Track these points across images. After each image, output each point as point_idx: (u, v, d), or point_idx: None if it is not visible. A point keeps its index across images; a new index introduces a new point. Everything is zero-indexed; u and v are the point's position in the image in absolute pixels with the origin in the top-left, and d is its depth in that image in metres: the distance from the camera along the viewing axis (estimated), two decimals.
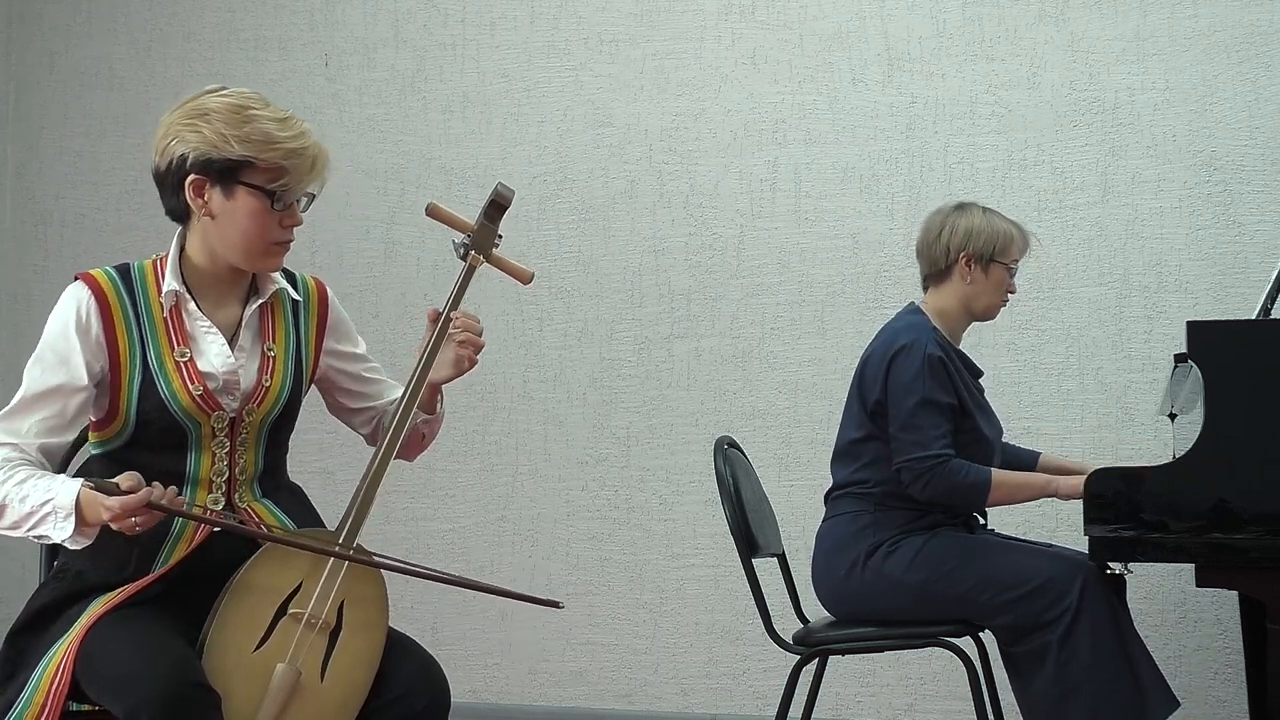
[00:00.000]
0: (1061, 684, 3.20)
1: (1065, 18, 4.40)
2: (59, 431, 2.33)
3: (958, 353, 3.52)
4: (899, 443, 3.36)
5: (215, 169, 2.33)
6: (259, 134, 2.32)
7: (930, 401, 3.35)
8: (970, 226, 3.51)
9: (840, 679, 4.34)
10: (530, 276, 2.56)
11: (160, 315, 2.38)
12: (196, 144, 2.33)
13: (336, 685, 2.27)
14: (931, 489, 3.33)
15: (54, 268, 5.23)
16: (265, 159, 2.32)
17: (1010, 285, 3.55)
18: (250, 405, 2.40)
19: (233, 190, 2.34)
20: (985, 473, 3.35)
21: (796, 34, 4.62)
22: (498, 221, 2.49)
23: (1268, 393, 3.01)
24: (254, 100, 2.37)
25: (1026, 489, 3.43)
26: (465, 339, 2.43)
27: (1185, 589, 4.12)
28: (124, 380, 2.34)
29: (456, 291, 2.47)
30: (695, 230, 4.68)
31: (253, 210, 2.34)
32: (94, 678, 2.19)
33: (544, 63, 4.85)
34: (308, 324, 2.52)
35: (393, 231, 4.94)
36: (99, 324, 2.34)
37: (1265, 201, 4.22)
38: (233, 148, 2.31)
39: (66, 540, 2.23)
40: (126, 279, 2.40)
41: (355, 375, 2.60)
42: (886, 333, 3.52)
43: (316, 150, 2.38)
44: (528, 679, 4.72)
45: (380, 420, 2.62)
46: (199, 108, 2.36)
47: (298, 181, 2.36)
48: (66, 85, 5.32)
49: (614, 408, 4.72)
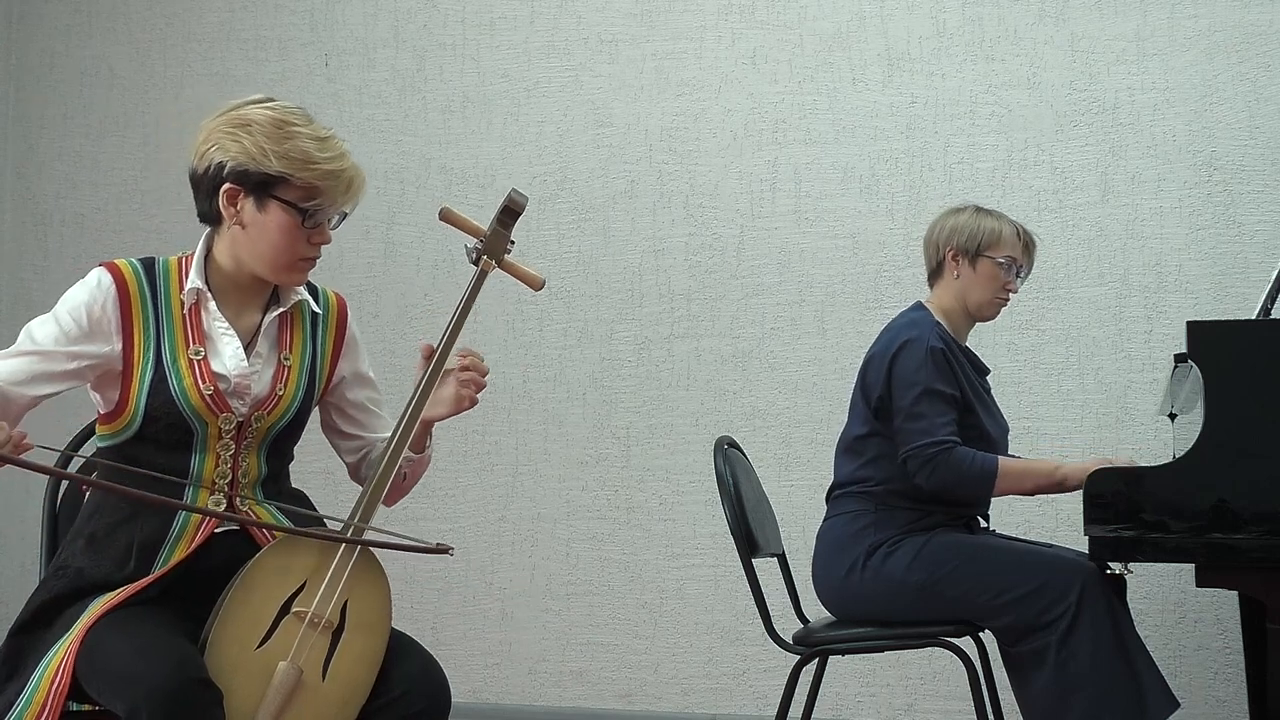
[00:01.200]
0: (1061, 684, 3.20)
1: (1065, 18, 4.41)
2: (25, 384, 2.30)
3: (962, 349, 3.53)
4: (904, 432, 3.36)
5: (251, 181, 2.34)
6: (298, 152, 2.33)
7: (934, 391, 3.35)
8: (956, 223, 3.55)
9: (840, 679, 4.34)
10: (542, 283, 2.55)
11: (179, 312, 2.39)
12: (236, 154, 2.33)
13: (337, 685, 2.27)
14: (937, 477, 3.31)
15: (54, 268, 5.23)
16: (301, 178, 2.33)
17: (1007, 282, 3.54)
18: (260, 412, 2.40)
19: (266, 204, 2.35)
20: (992, 460, 3.34)
21: (796, 34, 4.63)
22: (510, 227, 2.49)
23: (1268, 393, 3.01)
24: (297, 116, 2.38)
25: (1033, 475, 3.39)
26: (468, 378, 2.42)
27: (1185, 589, 4.12)
28: (135, 372, 2.35)
29: (467, 297, 2.47)
30: (695, 230, 4.68)
31: (283, 225, 2.36)
32: (95, 675, 2.19)
33: (544, 63, 4.86)
34: (325, 338, 2.53)
35: (393, 232, 4.94)
36: (116, 312, 2.35)
37: (1265, 201, 4.22)
38: (271, 162, 2.32)
39: None
40: (150, 272, 2.41)
41: (358, 402, 2.60)
42: (890, 329, 3.52)
43: (354, 173, 2.39)
44: (528, 679, 4.73)
45: (367, 454, 2.62)
46: (242, 117, 2.36)
47: (331, 202, 2.37)
48: (66, 85, 5.32)
49: (614, 408, 4.72)
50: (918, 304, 3.59)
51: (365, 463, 2.64)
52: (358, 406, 2.61)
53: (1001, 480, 3.35)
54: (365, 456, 2.63)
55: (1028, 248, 3.57)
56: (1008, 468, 3.36)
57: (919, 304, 3.59)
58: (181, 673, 2.12)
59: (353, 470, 2.66)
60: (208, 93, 5.13)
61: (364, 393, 2.61)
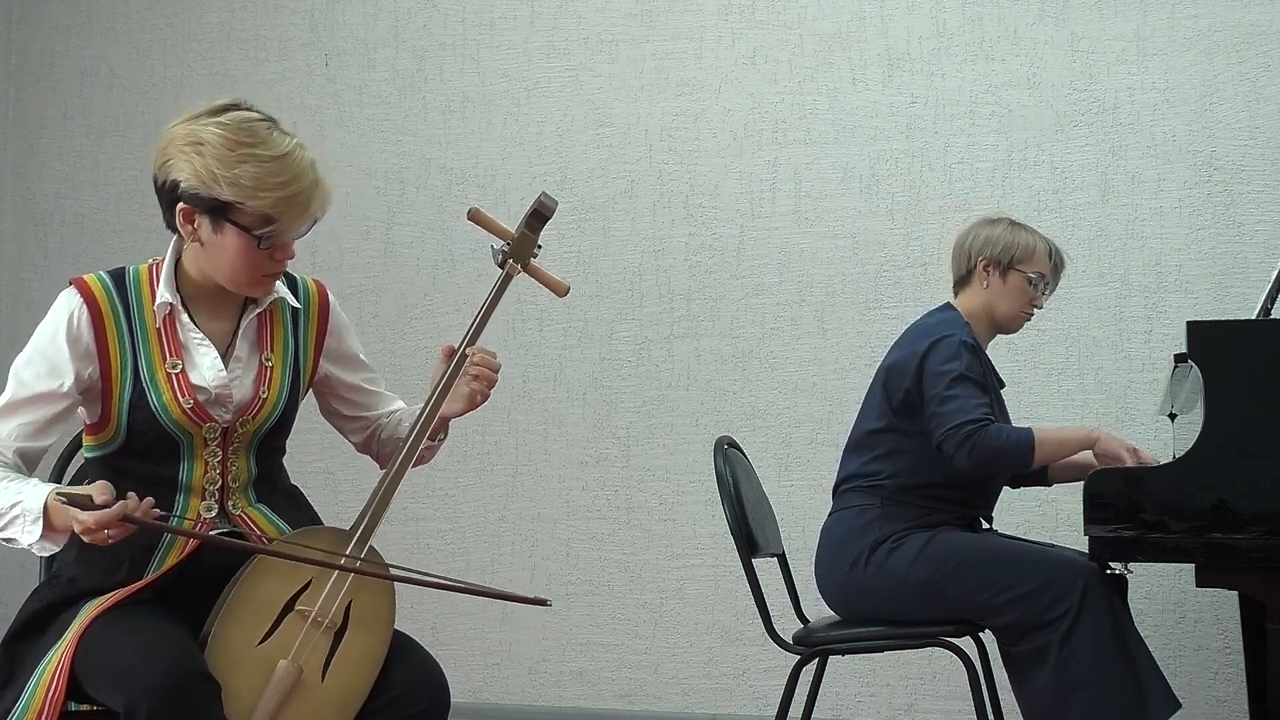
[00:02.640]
0: (1062, 684, 3.20)
1: (1065, 18, 4.40)
2: (38, 436, 2.31)
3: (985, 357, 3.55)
4: (938, 417, 3.33)
5: (204, 204, 2.28)
6: (249, 178, 2.24)
7: (967, 377, 3.36)
8: (992, 234, 3.58)
9: (840, 679, 4.34)
10: (566, 289, 2.54)
11: (153, 325, 2.35)
12: (189, 175, 2.27)
13: (337, 685, 2.27)
14: (976, 455, 3.29)
15: (54, 268, 5.23)
16: (252, 206, 2.25)
17: (1034, 297, 3.56)
18: (244, 417, 2.38)
19: (221, 226, 2.28)
20: (1027, 432, 3.33)
21: (796, 34, 4.62)
22: (538, 231, 2.48)
23: (1268, 393, 3.01)
24: (254, 133, 2.27)
25: (1071, 442, 3.39)
26: (480, 373, 2.41)
27: (1185, 589, 4.12)
28: (115, 389, 2.32)
29: (491, 299, 2.46)
30: (695, 230, 4.68)
31: (239, 248, 2.29)
32: (93, 672, 2.19)
33: (544, 63, 4.85)
34: (307, 331, 2.49)
35: (393, 232, 4.94)
36: (90, 333, 2.32)
37: (1265, 201, 4.22)
38: (221, 189, 2.25)
39: (35, 545, 2.21)
40: (121, 286, 2.37)
41: (352, 384, 2.58)
42: (919, 328, 3.53)
43: (312, 191, 2.29)
44: (528, 679, 4.72)
45: (375, 432, 2.60)
46: (196, 135, 2.28)
47: (287, 226, 2.28)
48: (66, 85, 5.32)
49: (614, 408, 4.72)
50: (947, 304, 3.60)
51: (375, 439, 2.60)
52: (354, 389, 2.58)
53: (1040, 450, 3.32)
54: (374, 433, 2.60)
55: (1057, 268, 3.61)
56: (1044, 436, 3.35)
57: (948, 304, 3.60)
58: (180, 666, 2.12)
59: (361, 446, 2.64)
60: (207, 93, 5.07)
61: (358, 375, 2.58)
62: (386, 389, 2.65)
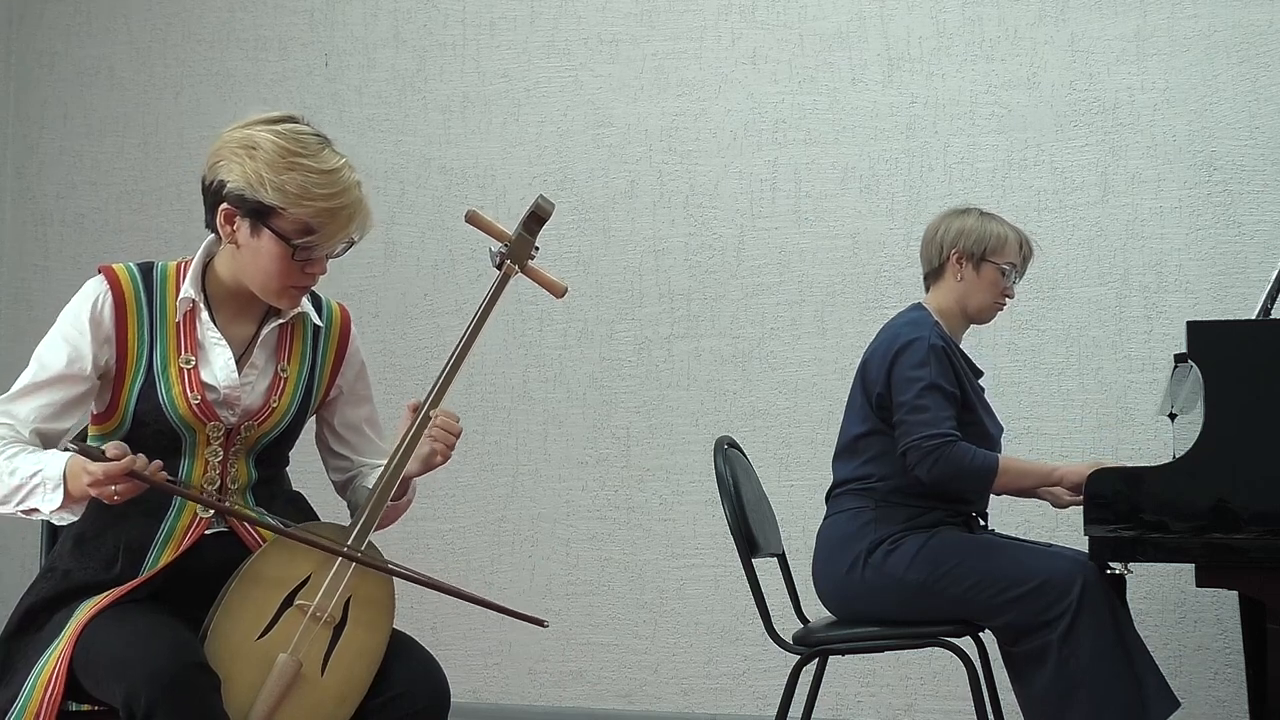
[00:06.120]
0: (1062, 683, 3.20)
1: (1065, 18, 4.41)
2: (57, 418, 2.34)
3: (959, 350, 3.53)
4: (905, 425, 3.35)
5: (246, 206, 2.31)
6: (295, 185, 2.29)
7: (936, 386, 3.35)
8: (963, 226, 3.56)
9: (840, 679, 4.34)
10: (564, 290, 2.55)
11: (173, 319, 2.38)
12: (236, 176, 2.31)
13: (336, 680, 2.27)
14: (938, 470, 3.31)
15: (54, 268, 5.23)
16: (294, 213, 2.30)
17: (1005, 288, 3.56)
18: (251, 422, 2.40)
19: (259, 230, 2.32)
20: (993, 457, 3.35)
21: (796, 34, 4.63)
22: (536, 233, 2.49)
23: (1268, 393, 3.00)
24: (306, 146, 2.33)
25: (1031, 476, 3.42)
26: (439, 435, 2.40)
27: (1185, 589, 4.12)
28: (126, 379, 2.35)
29: (488, 301, 2.47)
30: (695, 230, 4.68)
31: (274, 254, 2.33)
32: (91, 667, 2.19)
33: (544, 63, 4.86)
34: (326, 350, 2.52)
35: (393, 231, 4.94)
36: (112, 319, 2.35)
37: (1265, 201, 4.22)
38: (266, 192, 2.29)
39: (54, 514, 2.24)
40: (148, 279, 2.40)
41: (353, 423, 2.59)
42: (890, 328, 3.53)
43: (355, 209, 2.34)
44: (528, 679, 4.72)
45: (354, 479, 2.60)
46: (251, 139, 2.32)
47: (326, 239, 2.33)
48: (66, 85, 5.32)
49: (614, 408, 4.72)
50: (917, 304, 3.60)
51: (349, 487, 2.61)
52: (351, 428, 2.59)
53: (1001, 477, 3.35)
54: (351, 480, 2.61)
55: (1026, 258, 3.60)
56: (1007, 465, 3.37)
57: (918, 304, 3.60)
58: (179, 657, 2.13)
59: (338, 487, 2.65)
60: (208, 93, 5.14)
61: (359, 411, 2.60)
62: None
